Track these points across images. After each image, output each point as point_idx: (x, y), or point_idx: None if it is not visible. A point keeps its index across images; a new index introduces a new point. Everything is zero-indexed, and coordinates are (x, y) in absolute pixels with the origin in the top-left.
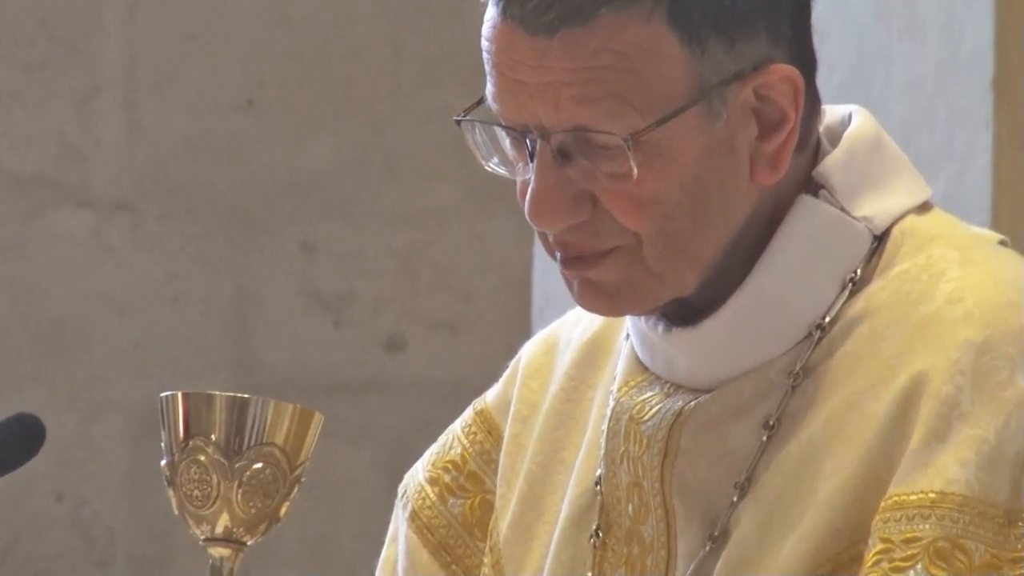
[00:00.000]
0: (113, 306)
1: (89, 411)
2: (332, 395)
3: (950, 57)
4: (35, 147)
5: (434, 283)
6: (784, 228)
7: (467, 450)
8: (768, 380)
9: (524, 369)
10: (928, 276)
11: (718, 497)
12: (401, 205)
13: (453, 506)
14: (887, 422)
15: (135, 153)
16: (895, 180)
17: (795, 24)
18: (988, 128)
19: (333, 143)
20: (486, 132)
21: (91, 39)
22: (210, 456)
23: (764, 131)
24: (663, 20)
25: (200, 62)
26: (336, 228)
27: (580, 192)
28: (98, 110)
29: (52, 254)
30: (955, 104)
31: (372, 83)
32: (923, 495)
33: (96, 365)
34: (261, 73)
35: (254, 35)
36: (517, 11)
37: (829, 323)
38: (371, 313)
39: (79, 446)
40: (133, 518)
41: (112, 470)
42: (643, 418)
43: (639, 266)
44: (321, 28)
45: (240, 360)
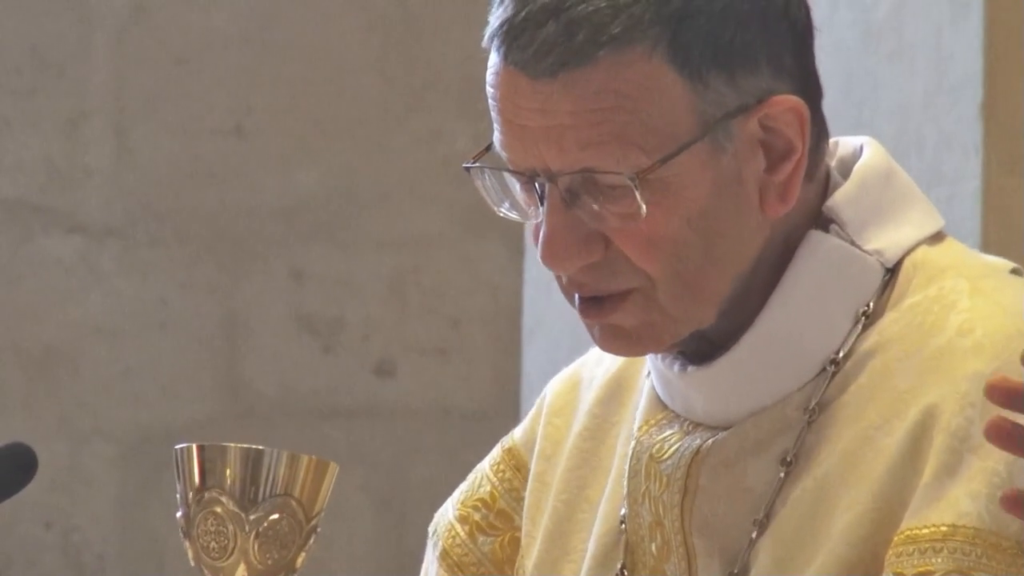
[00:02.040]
0: (103, 332)
1: (78, 437)
2: (322, 420)
3: (939, 81)
4: (24, 173)
5: (424, 308)
6: (795, 264)
7: (496, 488)
8: (784, 416)
9: (549, 407)
10: (939, 308)
11: (737, 534)
12: (390, 230)
13: (483, 544)
14: (899, 456)
15: (124, 179)
16: (906, 212)
17: (797, 55)
18: (977, 153)
19: (322, 168)
20: (495, 178)
21: (80, 65)
22: (226, 507)
23: (772, 162)
24: (663, 58)
25: (189, 88)
26: (325, 253)
27: (591, 233)
28: (87, 136)
29: (41, 280)
30: (944, 129)
31: (360, 108)
32: (935, 528)
33: (85, 391)
34: (250, 99)
35: (243, 61)
36: (518, 56)
37: (843, 357)
38: (361, 338)
39: (69, 473)
40: (123, 545)
41: (102, 497)
42: (663, 457)
43: (656, 309)
44: (309, 54)
45: (230, 386)
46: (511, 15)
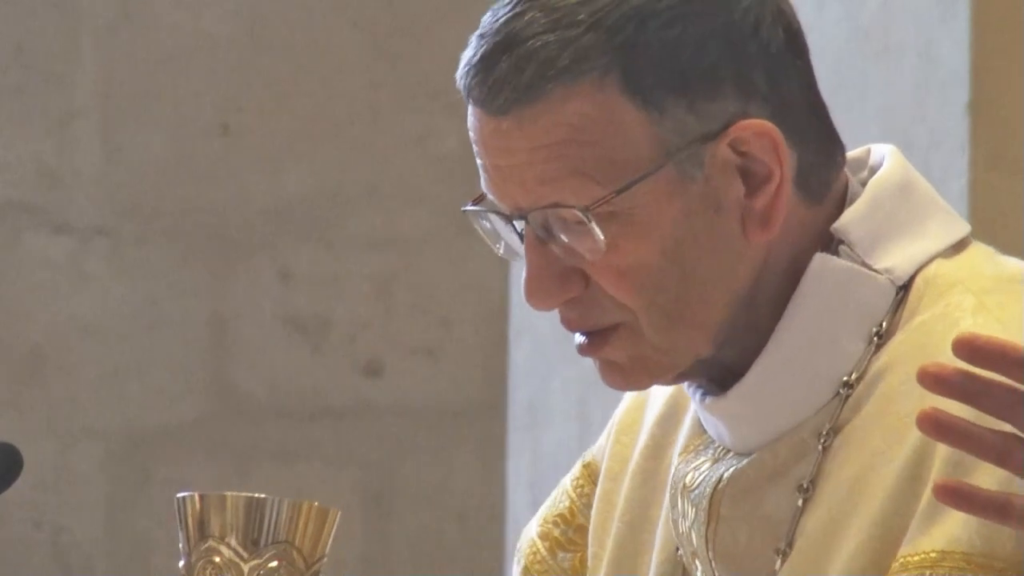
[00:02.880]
0: (91, 332)
1: (67, 437)
2: (310, 421)
3: (926, 80)
4: (11, 172)
5: (412, 308)
6: (801, 288)
7: (575, 503)
8: (802, 442)
9: (617, 425)
10: (943, 327)
11: (761, 564)
12: (378, 230)
13: (563, 560)
14: (900, 483)
15: (112, 178)
16: (922, 224)
17: (771, 76)
18: (964, 151)
19: (310, 168)
20: (489, 220)
21: (67, 64)
22: (225, 557)
23: (752, 188)
24: (615, 87)
25: (176, 87)
26: (313, 253)
27: (569, 269)
28: (75, 135)
29: (29, 279)
30: (932, 127)
31: (349, 108)
32: (925, 555)
33: (73, 391)
34: (238, 98)
35: (231, 60)
36: (478, 95)
37: (856, 380)
38: (349, 338)
39: (57, 473)
40: (111, 544)
41: (90, 497)
42: (692, 486)
43: (643, 343)
44: (297, 54)
45: (218, 386)
46: (471, 55)
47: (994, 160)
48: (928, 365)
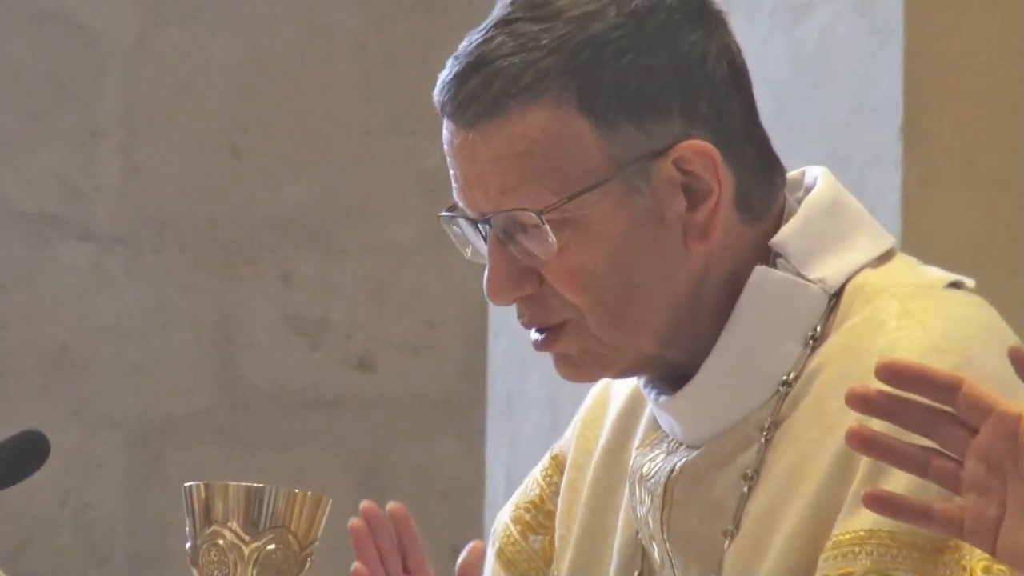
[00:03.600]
0: (111, 331)
1: (90, 425)
2: (308, 410)
3: (862, 105)
4: (40, 187)
5: (400, 309)
6: (743, 298)
7: (544, 491)
8: (746, 435)
9: (582, 421)
10: (870, 329)
11: (711, 544)
12: (371, 239)
13: (534, 542)
14: (833, 470)
15: (131, 192)
16: (851, 238)
17: (715, 104)
18: (897, 170)
19: (309, 182)
20: (459, 226)
21: (91, 90)
22: (227, 540)
23: (693, 203)
24: (571, 105)
25: (190, 110)
26: (312, 259)
27: (525, 269)
28: (98, 153)
29: (56, 284)
30: (867, 147)
31: (344, 128)
32: (855, 534)
33: (96, 384)
34: (244, 120)
35: (238, 86)
36: (450, 109)
37: (793, 378)
38: (344, 336)
39: (81, 457)
40: (130, 520)
41: (111, 478)
42: (649, 476)
43: (590, 338)
44: (297, 80)
45: (225, 379)
46: (446, 74)
47: (925, 178)
48: (855, 388)
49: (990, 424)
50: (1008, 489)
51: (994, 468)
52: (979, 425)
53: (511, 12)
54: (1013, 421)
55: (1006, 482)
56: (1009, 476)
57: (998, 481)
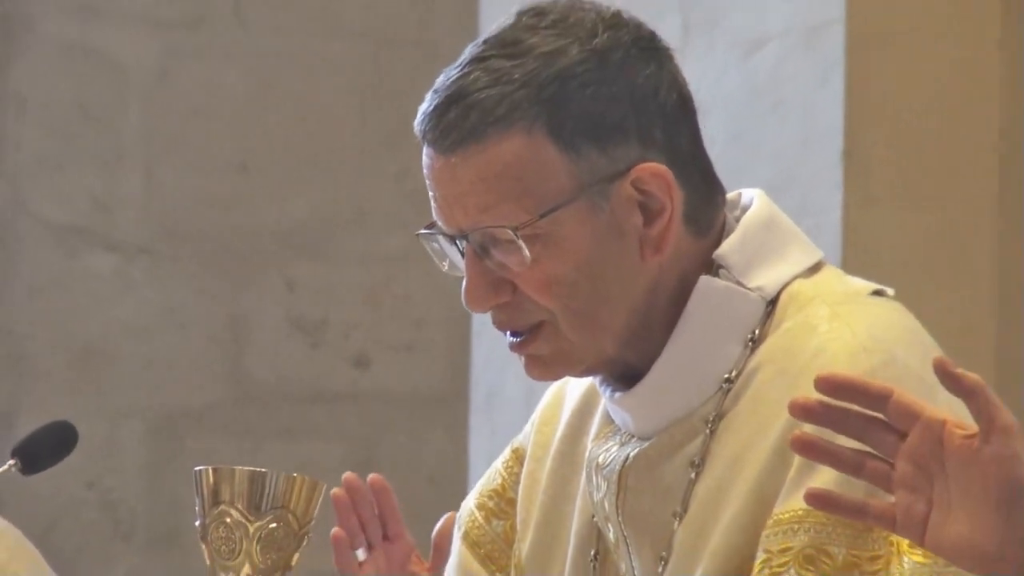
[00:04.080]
0: (133, 331)
1: (114, 416)
2: (310, 404)
3: (808, 132)
4: (70, 202)
5: (394, 312)
6: (690, 304)
7: (506, 480)
8: (692, 427)
9: (539, 418)
10: (804, 332)
11: (662, 525)
12: (366, 248)
13: (496, 526)
14: (772, 457)
15: (151, 206)
16: (784, 252)
17: (667, 130)
18: (839, 190)
19: (311, 198)
20: (436, 242)
21: (116, 115)
22: (234, 519)
23: (648, 219)
24: (542, 132)
25: (204, 133)
26: (313, 267)
27: (500, 280)
28: (122, 172)
29: (84, 289)
30: (812, 170)
31: (343, 148)
32: (794, 513)
33: (120, 379)
34: (252, 142)
35: (247, 112)
36: (431, 137)
37: (735, 376)
38: (342, 336)
39: (106, 444)
40: (150, 501)
41: (133, 463)
42: (604, 465)
43: (562, 339)
44: (301, 105)
45: (235, 375)
46: (427, 105)
47: (863, 198)
48: (796, 399)
49: (917, 429)
50: (934, 487)
51: (921, 468)
52: (908, 430)
53: (484, 50)
54: (938, 427)
55: (932, 481)
56: (935, 476)
57: (925, 480)
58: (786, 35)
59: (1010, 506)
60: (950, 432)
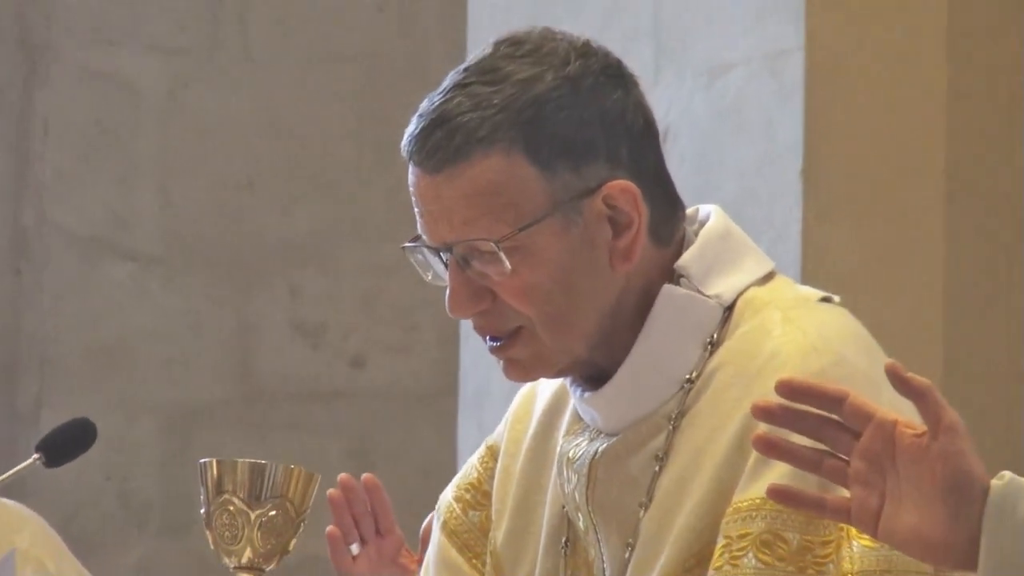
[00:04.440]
0: (149, 334)
1: (131, 412)
2: (311, 401)
3: (769, 151)
4: (92, 216)
5: (387, 317)
6: (654, 310)
7: (481, 475)
8: (657, 423)
9: (512, 415)
10: (759, 335)
11: (628, 514)
12: (363, 259)
13: (473, 517)
14: (731, 451)
15: (165, 220)
16: (739, 262)
17: (632, 151)
18: (799, 206)
19: (311, 212)
20: (421, 254)
21: (133, 135)
22: (236, 507)
23: (617, 232)
24: (520, 153)
25: (213, 152)
26: (314, 275)
27: (481, 288)
28: (139, 188)
29: (105, 295)
30: (774, 187)
31: (341, 167)
32: (752, 501)
33: (136, 378)
34: (259, 160)
35: (253, 133)
36: (418, 158)
37: (696, 377)
38: (341, 339)
39: (124, 438)
40: (163, 491)
41: (148, 455)
42: (575, 459)
43: (538, 343)
44: (302, 128)
45: (242, 374)
46: (413, 128)
47: (821, 214)
48: (758, 402)
49: (870, 429)
50: (886, 482)
51: (874, 465)
52: (861, 430)
53: (465, 77)
54: (890, 426)
55: (884, 476)
56: (887, 471)
57: (878, 476)
58: (749, 63)
59: (956, 498)
60: (901, 431)
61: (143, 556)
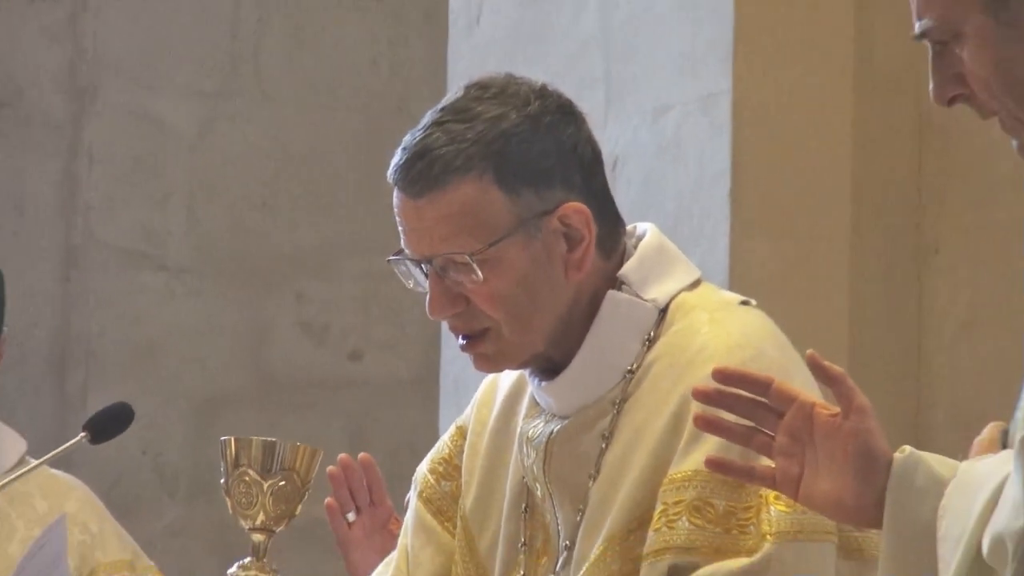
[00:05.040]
0: (178, 333)
1: (163, 397)
2: (315, 389)
3: (702, 176)
4: (130, 233)
5: (381, 318)
6: (600, 313)
7: (452, 451)
8: (603, 407)
9: (478, 400)
10: (689, 333)
11: (579, 484)
12: (360, 269)
13: (445, 487)
14: (666, 431)
15: (193, 236)
16: (671, 271)
17: (584, 178)
18: (727, 223)
19: (316, 230)
20: (404, 265)
21: (166, 163)
22: (251, 477)
23: (571, 246)
24: (490, 179)
25: (234, 179)
26: (318, 283)
27: (456, 294)
28: (170, 209)
29: (140, 300)
30: (706, 207)
31: (341, 191)
32: (685, 473)
33: (168, 369)
34: (271, 185)
35: (268, 161)
36: (402, 185)
37: (636, 368)
38: (340, 337)
39: (158, 419)
40: (190, 464)
41: (177, 434)
42: (533, 438)
43: (503, 341)
44: (309, 157)
45: (256, 366)
46: (398, 159)
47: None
48: (698, 387)
49: (792, 410)
50: (806, 455)
51: (795, 440)
52: (785, 410)
53: (441, 116)
54: (809, 407)
55: (804, 449)
56: (806, 445)
57: (798, 449)
58: (685, 104)
59: (864, 468)
60: (818, 412)
61: (173, 519)
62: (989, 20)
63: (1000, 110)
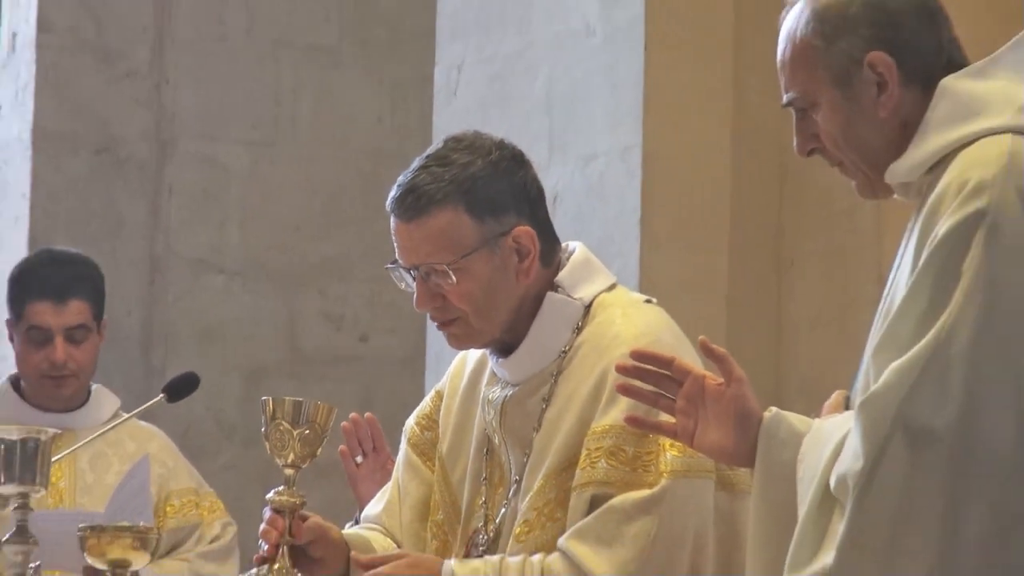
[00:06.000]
0: (234, 322)
1: (222, 369)
2: (335, 363)
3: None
4: (199, 245)
5: (385, 310)
6: (542, 309)
7: (432, 409)
8: (544, 378)
9: (451, 372)
10: (607, 324)
11: (526, 436)
12: (367, 273)
13: (427, 435)
14: (590, 395)
15: (244, 248)
16: (595, 278)
17: (532, 208)
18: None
19: (336, 244)
20: (399, 272)
21: (223, 194)
22: (284, 427)
23: (521, 258)
24: (462, 208)
25: (275, 206)
26: (338, 284)
27: (435, 293)
28: (227, 228)
29: (205, 297)
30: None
31: (354, 215)
32: (604, 426)
33: (226, 350)
34: (302, 211)
35: (301, 193)
36: (396, 211)
37: (568, 349)
38: (352, 324)
39: (217, 385)
40: (241, 418)
41: (232, 395)
42: (493, 400)
43: (470, 327)
44: (331, 188)
45: (290, 347)
46: (394, 193)
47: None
48: (620, 362)
49: (689, 381)
50: (699, 413)
51: (691, 402)
52: (684, 381)
53: (427, 162)
54: (701, 378)
55: (698, 410)
56: (699, 407)
57: (694, 409)
58: (608, 153)
59: (742, 424)
60: (708, 381)
61: (228, 458)
62: (838, 94)
63: (844, 160)
